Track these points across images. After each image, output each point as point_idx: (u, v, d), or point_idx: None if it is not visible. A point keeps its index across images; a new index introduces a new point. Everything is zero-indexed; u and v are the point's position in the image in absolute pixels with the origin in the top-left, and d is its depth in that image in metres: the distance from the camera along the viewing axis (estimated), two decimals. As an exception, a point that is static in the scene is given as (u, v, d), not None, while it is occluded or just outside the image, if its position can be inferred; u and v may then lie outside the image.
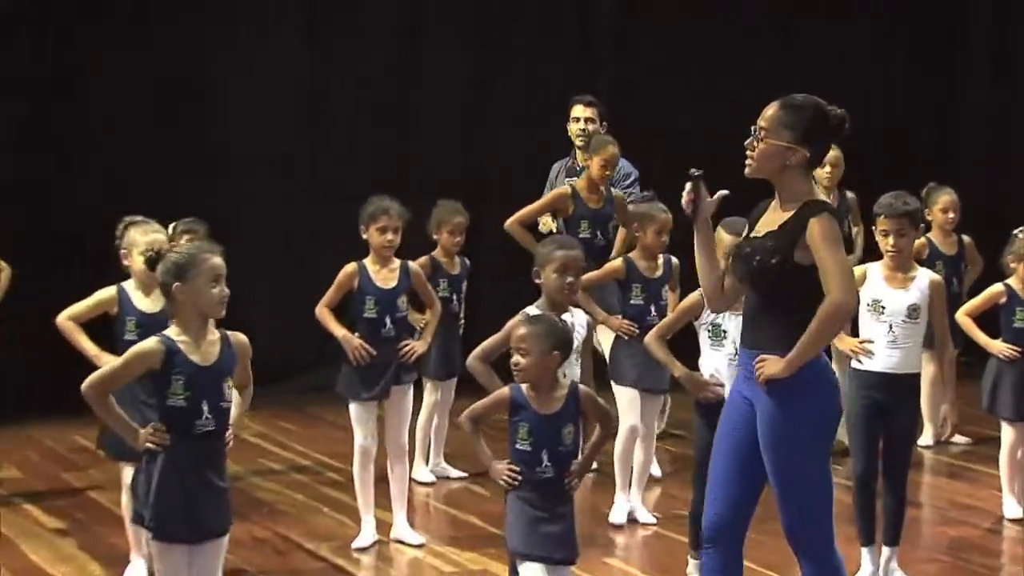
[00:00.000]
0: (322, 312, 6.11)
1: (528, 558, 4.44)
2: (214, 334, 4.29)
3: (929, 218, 7.48)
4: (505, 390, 4.55)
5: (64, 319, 5.49)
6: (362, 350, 5.96)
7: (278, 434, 8.52)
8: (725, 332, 5.24)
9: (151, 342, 4.23)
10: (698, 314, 5.29)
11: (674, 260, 6.62)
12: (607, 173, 7.35)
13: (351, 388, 6.07)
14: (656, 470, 7.11)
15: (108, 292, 5.45)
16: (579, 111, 7.82)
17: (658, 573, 5.92)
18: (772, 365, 4.09)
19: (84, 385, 4.21)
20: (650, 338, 5.48)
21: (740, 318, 5.00)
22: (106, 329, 5.52)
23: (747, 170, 4.29)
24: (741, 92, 8.88)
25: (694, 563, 5.33)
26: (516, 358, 4.47)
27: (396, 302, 6.09)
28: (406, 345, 6.10)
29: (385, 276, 6.08)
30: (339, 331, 6.04)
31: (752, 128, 4.24)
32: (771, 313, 4.21)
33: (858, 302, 4.91)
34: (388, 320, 6.05)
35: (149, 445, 4.21)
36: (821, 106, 4.24)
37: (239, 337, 4.39)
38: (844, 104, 4.37)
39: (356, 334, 6.02)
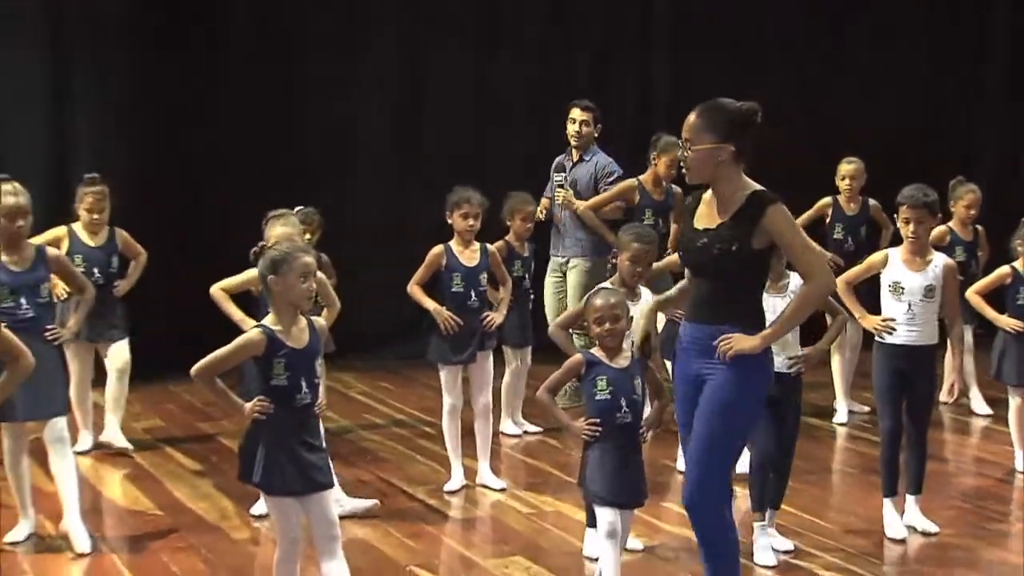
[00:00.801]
0: (413, 289, 6.20)
1: (605, 502, 4.53)
2: (302, 321, 4.32)
3: (952, 209, 7.52)
4: (577, 356, 4.64)
5: (216, 289, 5.66)
6: (451, 320, 6.10)
7: (379, 393, 8.68)
8: (766, 312, 5.33)
9: (254, 332, 4.26)
10: None
11: None
12: (672, 172, 7.46)
13: (441, 354, 6.19)
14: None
15: (255, 273, 5.59)
16: (576, 114, 7.89)
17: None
18: (743, 341, 4.06)
19: (193, 369, 4.24)
20: None
21: (776, 298, 5.09)
22: (248, 303, 5.72)
23: (687, 178, 4.24)
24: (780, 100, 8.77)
25: (759, 525, 5.33)
26: (608, 325, 4.52)
27: (479, 278, 6.21)
28: (487, 316, 6.24)
29: (468, 256, 6.19)
30: (431, 304, 6.15)
31: (681, 141, 4.22)
32: (728, 294, 4.15)
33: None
34: (473, 294, 6.17)
35: (256, 415, 4.24)
36: (731, 104, 4.17)
37: (320, 322, 4.46)
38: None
39: (445, 307, 6.15)
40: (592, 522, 5.07)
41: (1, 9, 8.71)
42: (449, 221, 6.22)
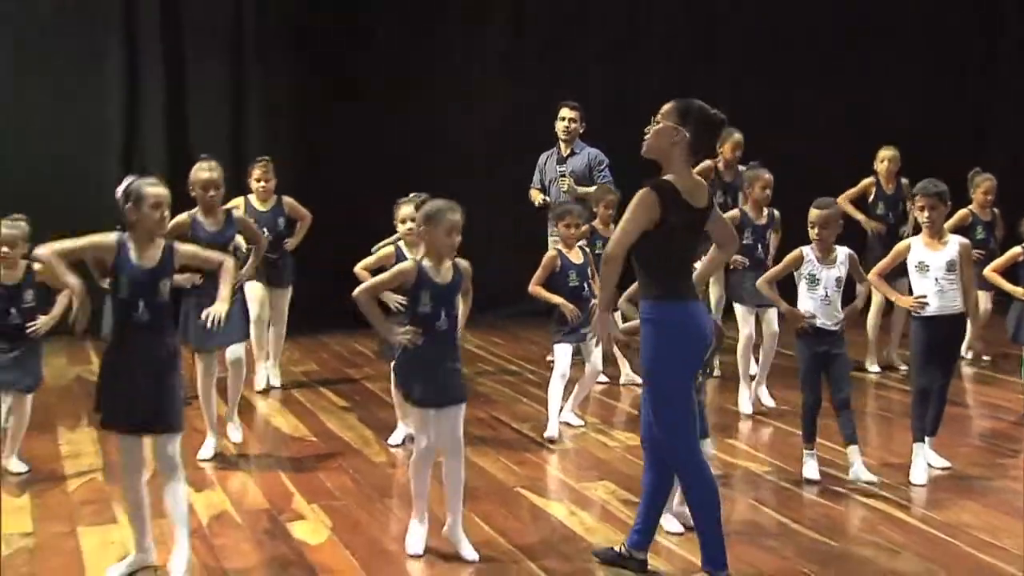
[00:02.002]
0: (536, 290, 6.21)
1: None
2: (449, 263, 4.36)
3: (972, 195, 7.59)
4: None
5: (359, 268, 5.76)
6: (575, 312, 6.15)
7: (491, 346, 8.87)
8: (819, 280, 5.32)
9: (410, 263, 4.36)
10: (798, 266, 5.36)
11: (776, 212, 6.79)
12: (736, 153, 7.52)
13: (559, 335, 6.23)
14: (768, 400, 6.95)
15: (388, 250, 5.77)
16: (565, 112, 7.94)
17: (772, 452, 5.97)
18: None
19: (356, 291, 4.29)
20: (761, 283, 5.52)
21: (831, 268, 5.23)
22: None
23: (643, 149, 4.03)
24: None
25: (808, 454, 5.42)
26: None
27: (587, 272, 6.27)
28: (595, 304, 6.19)
29: (576, 255, 6.29)
30: (557, 300, 6.16)
31: (652, 119, 4.03)
32: (640, 273, 4.07)
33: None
34: (586, 286, 6.23)
35: (403, 340, 4.31)
36: (703, 105, 4.02)
37: (464, 263, 4.44)
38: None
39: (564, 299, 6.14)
40: None
41: (199, 26, 9.26)
42: (555, 229, 6.38)
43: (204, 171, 5.72)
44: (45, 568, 4.36)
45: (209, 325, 4.41)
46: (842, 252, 5.38)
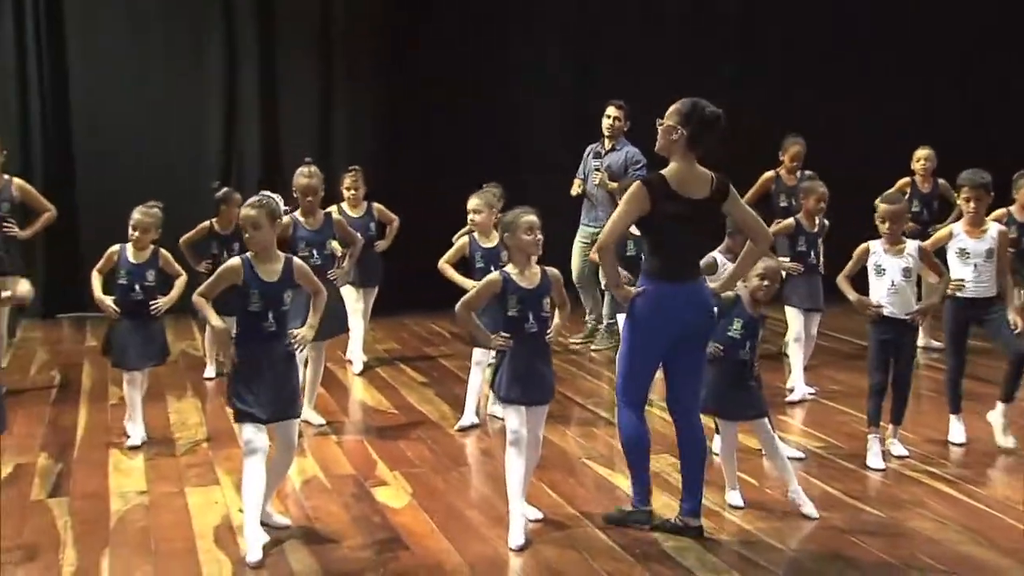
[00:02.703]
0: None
1: (723, 415, 4.67)
2: (535, 267, 4.31)
3: (1015, 196, 7.35)
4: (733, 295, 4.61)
5: (442, 263, 5.76)
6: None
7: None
8: (885, 269, 5.22)
9: (495, 275, 4.31)
10: (866, 259, 5.28)
11: (826, 221, 6.66)
12: (795, 163, 7.47)
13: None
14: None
15: (463, 241, 5.83)
16: (611, 111, 7.89)
17: (823, 429, 5.89)
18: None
19: (457, 306, 4.28)
20: (840, 279, 5.33)
21: (895, 259, 5.15)
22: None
23: (656, 147, 4.23)
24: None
25: (873, 437, 5.29)
26: (767, 283, 4.56)
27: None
28: None
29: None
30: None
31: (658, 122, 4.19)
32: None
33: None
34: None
35: (497, 345, 4.29)
36: (701, 105, 4.13)
37: (554, 272, 4.38)
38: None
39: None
40: (718, 429, 5.14)
41: (288, 28, 9.32)
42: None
43: (305, 176, 5.80)
44: (157, 523, 4.51)
45: (295, 347, 4.30)
46: (912, 245, 5.28)
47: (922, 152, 7.86)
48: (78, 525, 4.45)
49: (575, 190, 7.94)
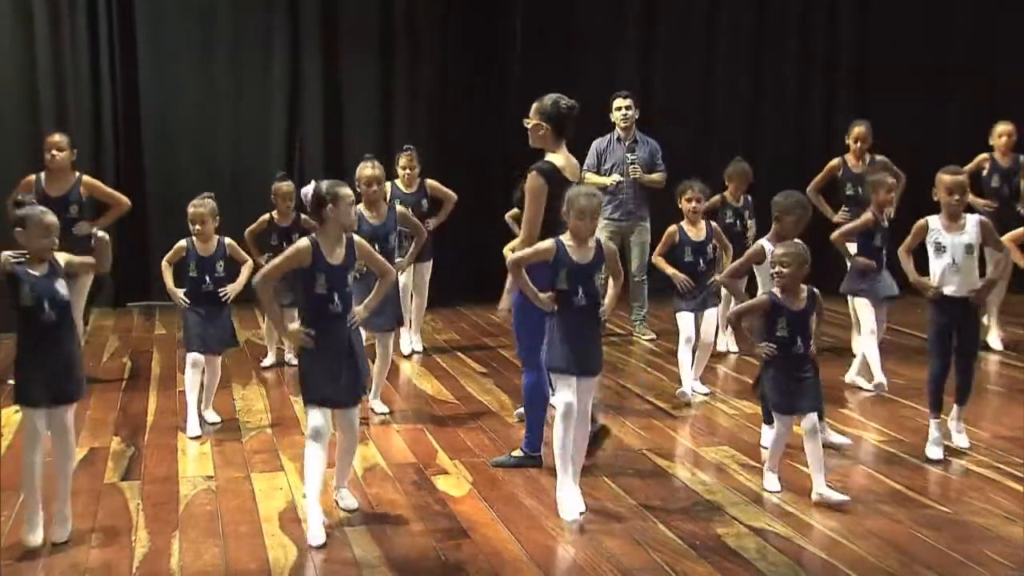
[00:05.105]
0: (657, 260, 6.25)
1: (781, 409, 4.59)
2: (592, 244, 4.35)
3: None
4: (764, 298, 4.61)
5: (507, 250, 5.57)
6: (688, 283, 6.14)
7: (617, 319, 8.49)
8: (944, 247, 5.04)
9: (548, 241, 4.38)
10: (924, 236, 5.11)
11: (891, 211, 6.46)
12: (859, 145, 7.29)
13: (679, 305, 6.23)
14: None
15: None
16: (620, 102, 7.76)
17: (887, 424, 5.79)
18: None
19: (510, 260, 4.43)
20: (902, 252, 5.22)
21: (955, 236, 4.96)
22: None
23: (530, 143, 4.75)
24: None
25: (935, 423, 5.14)
26: (779, 268, 4.49)
27: (707, 249, 6.20)
28: (714, 279, 6.22)
29: (695, 232, 6.20)
30: (671, 271, 6.17)
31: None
32: None
33: None
34: (702, 261, 6.18)
35: (547, 308, 4.34)
36: (557, 99, 4.69)
37: (611, 246, 4.47)
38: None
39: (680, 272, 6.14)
40: (768, 419, 5.10)
41: (350, 26, 9.39)
42: (679, 204, 6.26)
43: (368, 168, 5.95)
44: (224, 507, 4.58)
45: (351, 324, 4.27)
46: (971, 219, 5.02)
47: (1001, 127, 7.65)
48: (149, 508, 4.54)
49: (610, 183, 7.71)
